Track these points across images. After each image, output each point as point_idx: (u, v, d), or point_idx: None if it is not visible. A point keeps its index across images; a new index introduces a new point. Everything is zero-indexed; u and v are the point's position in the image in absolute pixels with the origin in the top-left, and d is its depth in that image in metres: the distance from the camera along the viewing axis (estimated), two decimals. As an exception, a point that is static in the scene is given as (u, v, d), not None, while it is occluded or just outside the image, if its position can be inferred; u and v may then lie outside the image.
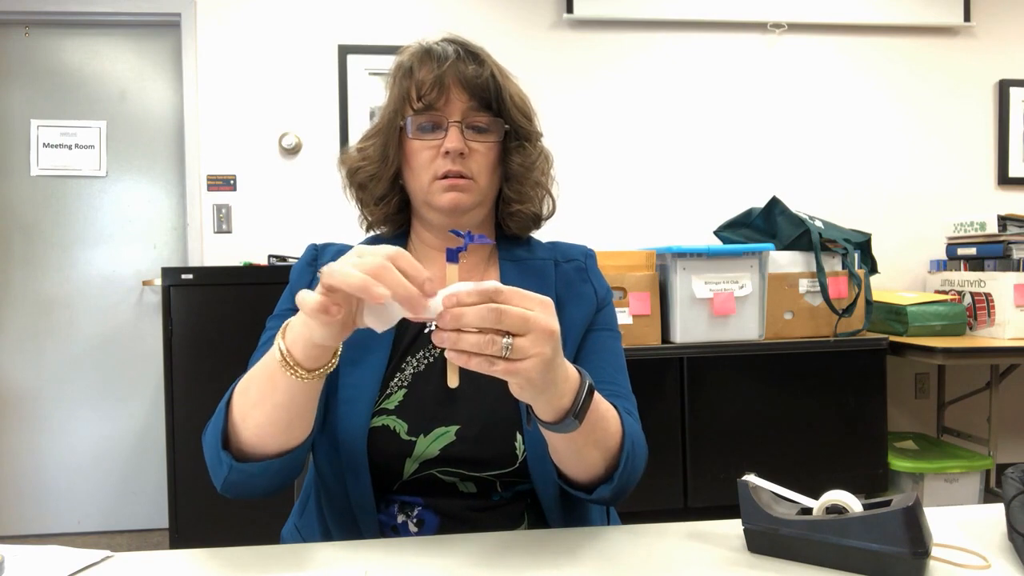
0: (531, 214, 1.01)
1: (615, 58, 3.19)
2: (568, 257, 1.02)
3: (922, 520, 0.67)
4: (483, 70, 0.93)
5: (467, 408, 0.89)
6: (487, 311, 0.60)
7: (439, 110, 0.92)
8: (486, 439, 0.88)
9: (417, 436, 0.87)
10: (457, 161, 0.91)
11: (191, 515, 2.50)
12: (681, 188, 3.23)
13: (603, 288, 1.01)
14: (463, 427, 0.88)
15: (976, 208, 3.25)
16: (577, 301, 0.97)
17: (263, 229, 3.03)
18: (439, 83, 0.91)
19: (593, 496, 0.81)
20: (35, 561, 0.74)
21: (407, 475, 0.88)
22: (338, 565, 0.72)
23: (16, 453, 3.03)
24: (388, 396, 0.89)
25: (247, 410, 0.75)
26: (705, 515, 0.85)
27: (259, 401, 0.74)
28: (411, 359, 0.93)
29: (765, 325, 2.54)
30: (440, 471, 0.88)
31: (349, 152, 1.01)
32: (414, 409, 0.89)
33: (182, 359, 2.49)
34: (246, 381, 0.76)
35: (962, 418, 3.16)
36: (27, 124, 3.03)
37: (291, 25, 3.06)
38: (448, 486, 0.89)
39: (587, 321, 0.97)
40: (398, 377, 0.91)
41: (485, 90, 0.92)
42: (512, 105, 0.96)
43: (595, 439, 0.76)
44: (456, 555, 0.74)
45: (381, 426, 0.87)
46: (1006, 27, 3.35)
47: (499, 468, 0.88)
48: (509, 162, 0.98)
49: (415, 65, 0.93)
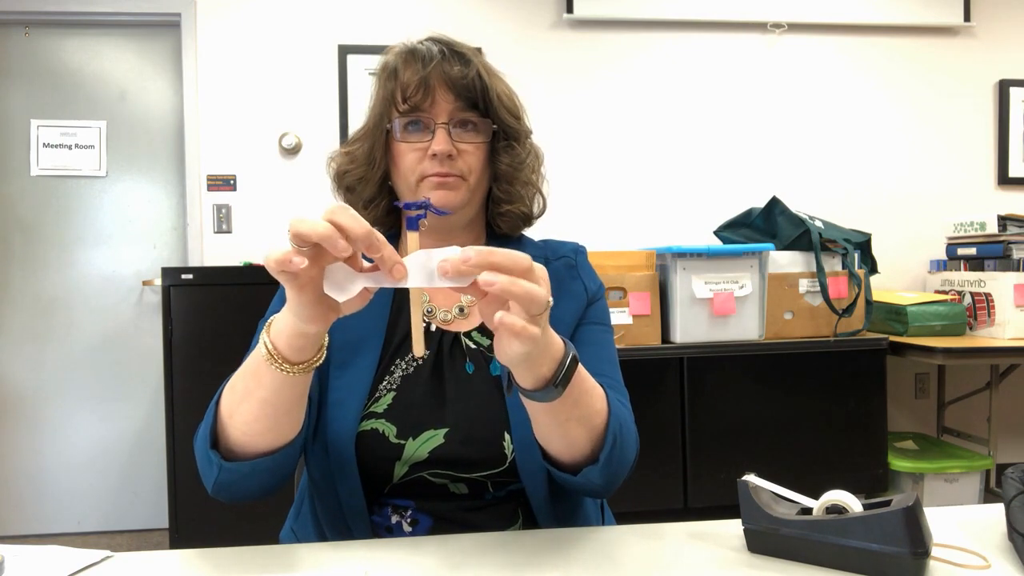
0: (521, 214, 1.00)
1: (615, 58, 3.19)
2: (558, 255, 1.01)
3: (922, 520, 0.67)
4: (469, 70, 0.91)
5: (455, 410, 0.89)
6: (514, 285, 0.59)
7: (425, 111, 0.91)
8: (475, 440, 0.87)
9: (406, 439, 0.87)
10: (445, 163, 0.90)
11: (191, 515, 2.50)
12: (681, 188, 3.23)
13: (594, 284, 1.01)
14: (451, 429, 0.88)
15: (976, 208, 3.25)
16: (567, 297, 0.96)
17: (263, 229, 3.03)
18: (424, 84, 0.90)
19: (579, 478, 0.79)
20: (35, 561, 0.74)
21: (397, 478, 0.88)
22: (337, 565, 0.72)
23: (16, 453, 3.03)
24: (377, 399, 0.89)
25: (234, 407, 0.75)
26: (705, 515, 0.85)
27: (245, 397, 0.73)
28: (400, 361, 0.92)
29: (765, 325, 2.54)
30: (430, 473, 0.87)
31: (336, 155, 1.00)
32: (403, 412, 0.88)
33: (182, 359, 2.49)
34: (234, 379, 0.76)
35: (962, 418, 3.16)
36: (27, 124, 3.03)
37: (291, 25, 3.06)
38: (439, 488, 0.89)
39: (577, 316, 0.96)
40: (387, 380, 0.91)
41: (471, 90, 0.91)
42: (499, 104, 0.95)
43: (579, 414, 0.74)
44: (455, 554, 0.74)
45: (370, 430, 0.87)
46: (1006, 27, 3.35)
47: (489, 469, 0.88)
48: (498, 162, 0.96)
49: (400, 66, 0.92)
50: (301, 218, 0.58)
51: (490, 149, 0.96)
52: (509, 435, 0.88)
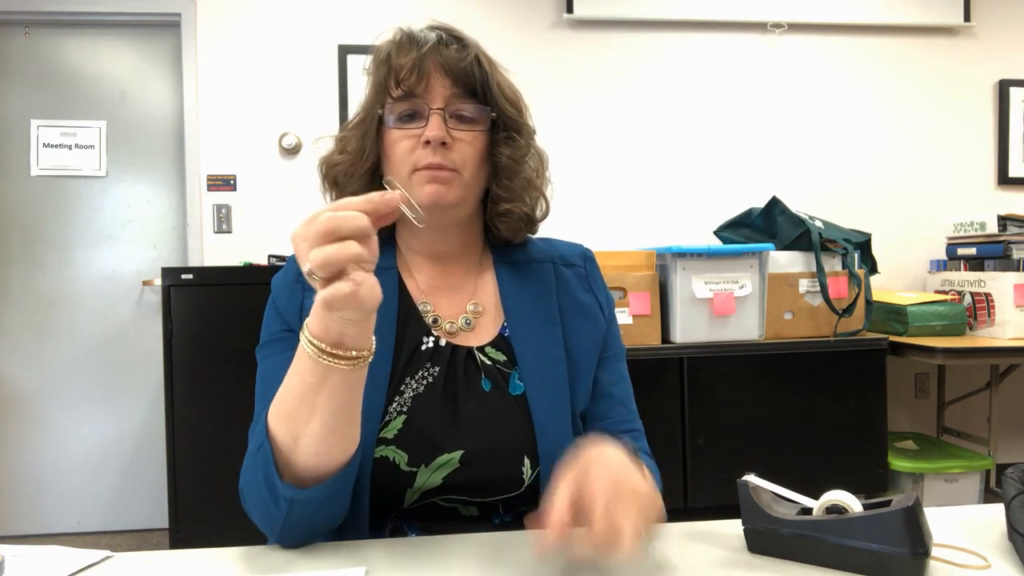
0: (522, 214, 0.92)
1: (615, 58, 3.19)
2: (567, 260, 0.96)
3: (922, 520, 0.67)
4: (467, 53, 0.86)
5: (471, 430, 0.84)
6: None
7: (419, 96, 0.85)
8: (491, 463, 0.83)
9: (418, 467, 0.82)
10: (439, 152, 0.83)
11: (191, 515, 2.50)
12: (681, 188, 3.23)
13: (607, 299, 0.96)
14: (468, 452, 0.83)
15: (976, 208, 3.25)
16: (583, 316, 0.92)
17: (263, 229, 3.03)
18: (419, 68, 0.84)
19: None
20: (35, 561, 0.73)
21: (407, 504, 0.83)
22: (339, 565, 0.72)
23: (16, 453, 3.03)
24: (387, 423, 0.83)
25: (298, 433, 0.70)
26: (705, 515, 0.84)
27: (310, 417, 0.69)
28: (410, 380, 0.86)
29: (765, 325, 2.54)
30: (442, 498, 0.83)
31: (329, 149, 0.95)
32: (414, 437, 0.82)
33: (182, 359, 2.49)
34: (280, 410, 0.71)
35: (962, 418, 3.16)
36: (27, 124, 3.03)
37: (291, 25, 3.06)
38: (448, 511, 0.85)
39: (599, 342, 0.92)
40: (397, 401, 0.84)
41: (469, 75, 0.85)
42: (500, 93, 0.88)
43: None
44: (457, 555, 0.74)
45: (380, 457, 0.81)
46: (1006, 27, 3.35)
47: (504, 492, 0.83)
48: (497, 155, 0.89)
49: (393, 51, 0.87)
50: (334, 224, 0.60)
51: (489, 141, 0.88)
52: (528, 458, 0.83)
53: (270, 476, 0.71)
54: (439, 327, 0.91)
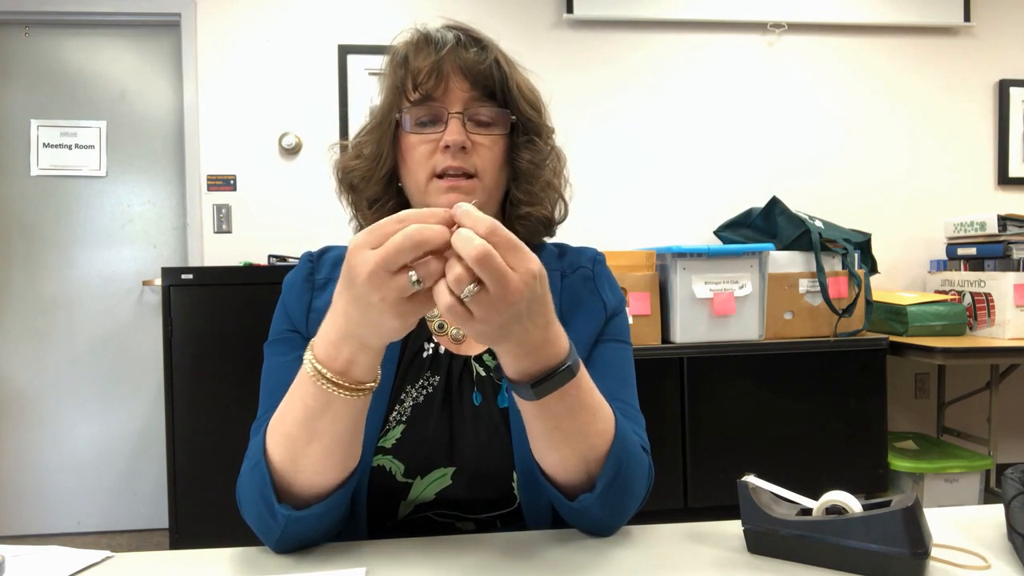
0: (541, 217, 0.91)
1: (615, 58, 3.19)
2: (575, 266, 0.93)
3: (922, 520, 0.67)
4: (486, 56, 0.84)
5: (462, 447, 0.82)
6: (476, 248, 0.54)
7: (438, 100, 0.83)
8: (482, 480, 0.81)
9: (414, 478, 0.80)
10: (458, 156, 0.81)
11: (191, 515, 2.50)
12: (681, 188, 3.23)
13: (614, 297, 0.91)
14: (459, 469, 0.81)
15: (976, 208, 3.25)
16: (584, 315, 0.88)
17: (263, 229, 3.03)
18: (437, 71, 0.82)
19: (576, 505, 0.73)
20: (35, 561, 0.73)
21: (401, 516, 0.82)
22: (339, 565, 0.72)
23: (16, 453, 3.03)
24: (386, 433, 0.81)
25: (297, 455, 0.68)
26: (705, 515, 0.84)
27: (311, 440, 0.67)
28: (410, 389, 0.85)
29: (765, 325, 2.54)
30: (436, 514, 0.82)
31: (344, 153, 0.93)
32: (412, 448, 0.81)
33: (182, 359, 2.49)
34: (278, 430, 0.69)
35: (962, 418, 3.15)
36: (27, 124, 3.03)
37: (291, 25, 3.06)
38: (444, 526, 0.83)
39: (594, 334, 0.88)
40: (397, 410, 0.83)
41: (488, 78, 0.83)
42: (519, 95, 0.86)
43: (572, 428, 0.68)
44: (457, 555, 0.74)
45: (377, 466, 0.80)
46: (1006, 27, 3.35)
47: (498, 509, 0.82)
48: (517, 159, 0.88)
49: (411, 53, 0.85)
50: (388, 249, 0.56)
51: (509, 145, 0.87)
52: (516, 475, 0.81)
53: (267, 495, 0.70)
54: (444, 333, 0.89)
